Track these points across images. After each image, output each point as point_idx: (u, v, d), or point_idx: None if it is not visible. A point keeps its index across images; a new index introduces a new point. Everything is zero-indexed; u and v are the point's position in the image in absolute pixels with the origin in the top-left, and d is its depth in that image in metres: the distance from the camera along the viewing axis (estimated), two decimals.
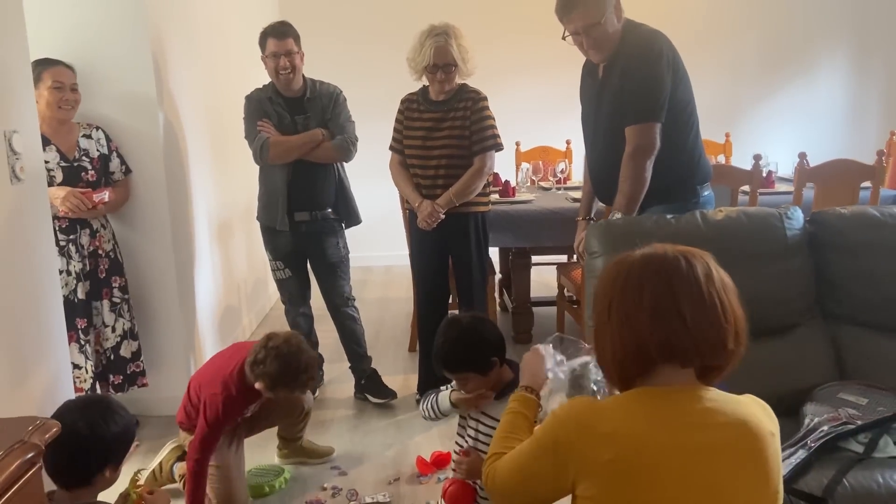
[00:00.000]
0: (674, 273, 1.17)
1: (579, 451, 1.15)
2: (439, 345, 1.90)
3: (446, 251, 3.22)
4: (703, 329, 1.16)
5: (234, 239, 4.20)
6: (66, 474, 1.62)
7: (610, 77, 2.49)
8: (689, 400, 1.18)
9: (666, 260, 1.19)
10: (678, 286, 1.16)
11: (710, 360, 1.19)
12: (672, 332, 1.15)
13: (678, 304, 1.15)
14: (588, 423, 1.16)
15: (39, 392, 2.03)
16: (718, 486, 1.13)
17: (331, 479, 2.67)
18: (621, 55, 2.44)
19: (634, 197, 2.42)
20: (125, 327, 3.01)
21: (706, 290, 1.16)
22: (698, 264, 1.19)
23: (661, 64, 2.38)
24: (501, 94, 3.41)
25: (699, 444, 1.14)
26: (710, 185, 2.61)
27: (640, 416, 1.16)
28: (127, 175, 3.02)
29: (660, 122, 2.40)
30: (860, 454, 1.76)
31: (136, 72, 2.99)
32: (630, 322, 1.18)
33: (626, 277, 1.20)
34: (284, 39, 3.03)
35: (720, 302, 1.17)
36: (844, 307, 2.22)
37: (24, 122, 2.04)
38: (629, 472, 1.12)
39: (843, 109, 5.84)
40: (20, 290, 1.99)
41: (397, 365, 3.74)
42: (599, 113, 2.56)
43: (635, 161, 2.41)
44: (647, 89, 2.38)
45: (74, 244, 2.83)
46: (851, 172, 3.55)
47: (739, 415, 1.17)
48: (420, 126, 3.08)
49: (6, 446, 1.06)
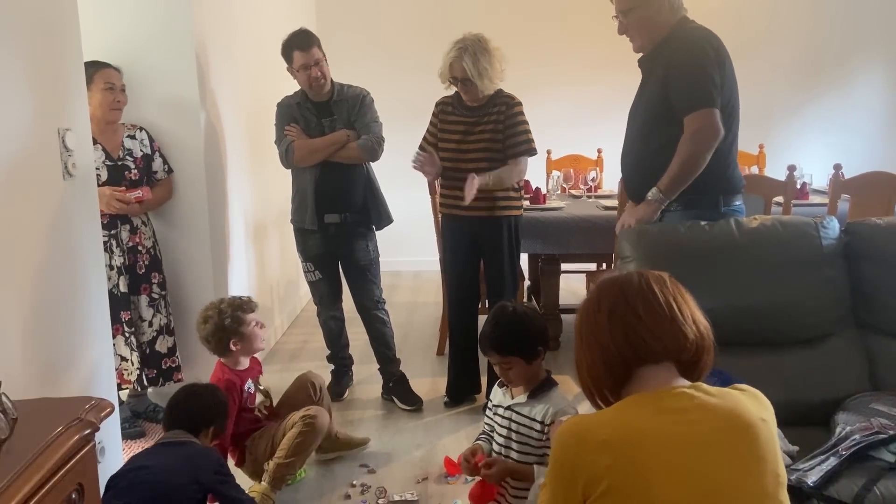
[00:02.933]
0: (627, 284, 1.29)
1: (582, 461, 1.19)
2: (490, 328, 1.94)
3: (478, 255, 3.25)
4: (658, 320, 1.25)
5: (268, 240, 4.28)
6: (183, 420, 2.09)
7: (652, 72, 2.48)
8: (676, 398, 1.22)
9: (620, 276, 1.32)
10: (630, 293, 1.27)
11: (675, 352, 1.26)
12: (629, 327, 1.25)
13: (633, 305, 1.26)
14: (585, 435, 1.21)
15: (83, 377, 2.11)
16: (714, 479, 1.16)
17: (360, 477, 2.71)
18: (665, 50, 2.42)
19: (679, 179, 2.36)
20: (162, 322, 3.09)
21: (658, 292, 1.27)
22: (651, 277, 1.30)
23: (707, 54, 2.35)
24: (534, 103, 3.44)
25: (690, 440, 1.17)
26: (740, 198, 2.53)
27: (632, 420, 1.21)
28: (169, 174, 3.11)
29: (716, 107, 2.34)
30: (891, 464, 1.75)
31: (180, 76, 3.09)
32: (593, 333, 1.29)
33: (587, 301, 1.33)
34: (310, 50, 3.06)
35: (674, 301, 1.27)
36: (879, 318, 2.20)
37: (77, 121, 2.12)
38: (626, 476, 1.16)
39: (880, 121, 5.77)
40: (69, 280, 2.07)
41: (425, 368, 3.77)
42: (638, 107, 2.56)
43: (692, 147, 2.34)
44: (695, 76, 2.34)
45: (115, 239, 2.92)
46: (887, 185, 3.51)
47: (728, 406, 1.20)
48: (455, 129, 3.12)
49: (64, 423, 1.12)
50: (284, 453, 2.44)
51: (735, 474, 1.17)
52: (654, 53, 2.47)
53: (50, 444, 1.06)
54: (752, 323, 2.13)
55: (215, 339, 2.52)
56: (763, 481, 1.17)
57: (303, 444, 2.47)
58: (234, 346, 2.52)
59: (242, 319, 2.54)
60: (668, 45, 2.42)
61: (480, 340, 2.00)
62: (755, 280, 2.16)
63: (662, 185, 2.39)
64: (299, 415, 2.52)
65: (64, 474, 1.08)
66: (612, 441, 1.18)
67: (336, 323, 3.45)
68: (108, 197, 2.83)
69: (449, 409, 3.31)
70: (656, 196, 2.40)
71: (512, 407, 1.95)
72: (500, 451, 1.96)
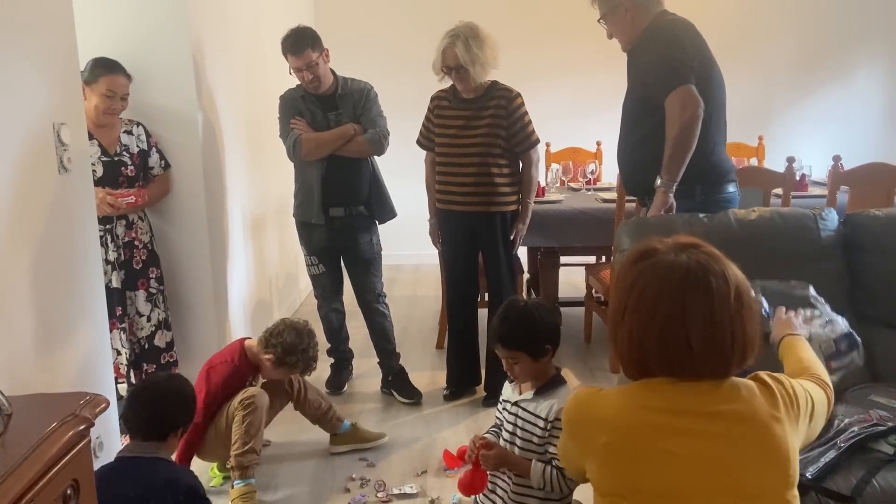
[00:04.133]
0: (689, 295, 1.17)
1: (581, 432, 1.25)
2: (499, 321, 1.93)
3: (476, 249, 3.25)
4: (706, 356, 1.18)
5: (267, 235, 4.28)
6: (148, 426, 1.90)
7: (633, 67, 2.60)
8: (687, 391, 1.20)
9: (687, 277, 1.18)
10: (691, 311, 1.17)
11: (707, 378, 1.21)
12: (676, 356, 1.19)
13: (687, 332, 1.17)
14: (587, 409, 1.25)
15: (79, 369, 2.11)
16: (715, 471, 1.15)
17: (359, 471, 2.72)
18: (641, 44, 2.54)
19: (676, 160, 2.40)
20: (160, 317, 3.09)
21: (718, 315, 1.17)
22: (716, 281, 1.18)
23: (677, 39, 2.43)
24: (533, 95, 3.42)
25: (692, 431, 1.17)
26: (734, 185, 2.58)
27: (636, 404, 1.21)
28: (166, 170, 3.10)
29: (691, 83, 2.39)
30: (890, 455, 1.75)
31: (177, 71, 3.07)
32: (640, 334, 1.21)
33: (644, 289, 1.21)
34: (302, 53, 3.03)
35: (731, 327, 1.18)
36: (877, 310, 2.20)
37: (72, 115, 2.11)
38: (619, 456, 1.18)
39: (880, 114, 5.75)
40: (65, 275, 2.06)
41: (425, 362, 3.77)
42: (626, 103, 2.65)
43: (677, 124, 2.38)
44: (665, 61, 2.42)
45: (110, 234, 2.91)
46: (887, 176, 3.50)
47: (744, 402, 1.19)
48: (451, 124, 3.11)
49: (59, 418, 1.12)
50: (239, 442, 2.47)
51: (740, 470, 1.16)
52: (634, 49, 2.58)
53: (44, 440, 1.05)
54: None
55: (274, 342, 2.61)
56: (764, 482, 1.16)
57: (251, 424, 2.49)
58: (268, 361, 2.62)
59: (294, 368, 2.65)
60: (644, 39, 2.52)
61: (489, 333, 2.00)
62: (753, 272, 2.11)
63: (663, 172, 2.44)
64: (237, 400, 2.53)
65: (59, 470, 1.08)
66: (610, 420, 1.20)
67: (337, 316, 3.45)
68: (98, 199, 2.81)
69: (448, 402, 3.31)
70: (663, 182, 2.45)
71: (518, 403, 1.94)
72: (505, 447, 1.96)
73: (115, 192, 2.88)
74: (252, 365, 2.67)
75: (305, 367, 2.67)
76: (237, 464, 2.47)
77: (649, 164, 2.49)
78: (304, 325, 2.69)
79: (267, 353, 2.62)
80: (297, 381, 2.79)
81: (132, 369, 3.00)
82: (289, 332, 2.61)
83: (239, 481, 2.46)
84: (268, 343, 2.62)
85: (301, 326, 2.66)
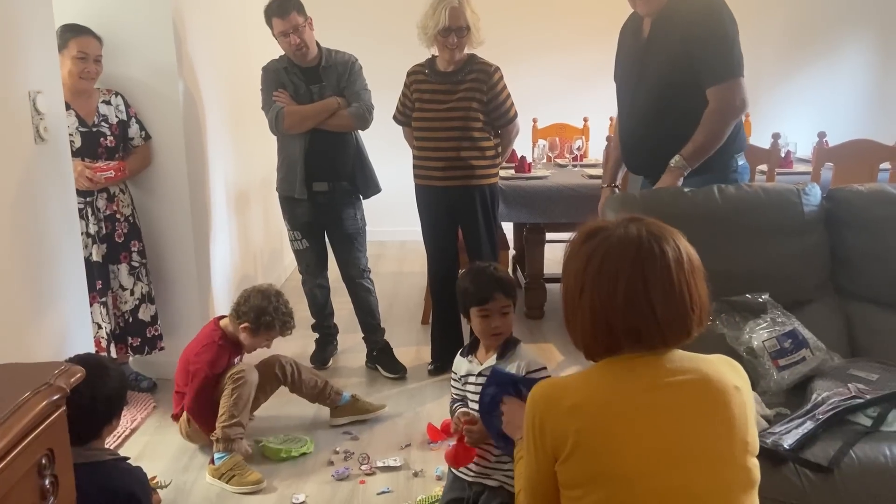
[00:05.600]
0: (647, 262, 1.20)
1: (551, 426, 1.20)
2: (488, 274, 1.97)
3: (456, 224, 3.23)
4: (670, 321, 1.20)
5: (251, 209, 4.24)
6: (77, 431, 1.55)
7: (663, 36, 2.39)
8: (651, 365, 1.21)
9: (641, 247, 1.21)
10: (650, 276, 1.19)
11: (673, 344, 1.23)
12: (641, 321, 1.20)
13: (649, 295, 1.19)
14: (554, 399, 1.22)
15: (58, 343, 2.08)
16: (679, 443, 1.16)
17: (343, 444, 2.72)
18: (678, 15, 2.34)
19: (704, 150, 2.34)
20: (143, 291, 3.06)
21: (676, 279, 1.20)
22: (670, 249, 1.21)
23: (725, 17, 2.31)
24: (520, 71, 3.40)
25: (661, 405, 1.18)
26: (743, 156, 2.52)
27: (603, 386, 1.22)
28: (147, 141, 3.05)
29: (742, 76, 2.32)
30: (868, 427, 1.77)
31: (157, 38, 3.01)
32: (603, 309, 1.21)
33: (601, 264, 1.22)
34: (288, 16, 2.98)
35: (688, 290, 1.21)
36: (858, 284, 2.22)
37: (49, 83, 2.07)
38: (593, 441, 1.17)
39: (866, 92, 5.76)
40: (42, 244, 2.03)
41: (410, 337, 3.77)
42: (645, 73, 2.45)
43: (720, 119, 2.32)
44: (719, 45, 2.30)
45: (91, 206, 2.87)
46: (870, 153, 3.52)
47: (701, 371, 1.20)
48: (428, 98, 3.08)
49: (32, 388, 1.10)
50: (227, 415, 2.50)
51: (702, 438, 1.17)
52: (665, 17, 2.37)
53: (17, 410, 1.04)
54: (733, 289, 2.13)
55: (243, 310, 2.62)
56: (731, 446, 1.18)
57: (240, 397, 2.53)
58: (245, 331, 2.63)
59: (272, 332, 2.66)
60: (679, 12, 2.34)
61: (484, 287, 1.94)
62: (737, 246, 2.16)
63: (686, 154, 2.35)
64: (227, 375, 2.57)
65: (32, 441, 1.07)
66: (581, 406, 1.19)
67: (322, 292, 3.44)
68: (77, 173, 2.77)
69: (433, 377, 3.31)
70: (680, 163, 2.36)
71: (484, 373, 1.95)
72: None
73: (93, 166, 2.83)
74: (234, 342, 2.66)
75: (283, 325, 2.67)
76: (223, 435, 2.47)
77: (670, 147, 2.38)
78: (269, 286, 2.72)
79: (241, 322, 2.63)
80: (289, 364, 2.78)
81: (115, 343, 2.98)
82: (255, 296, 2.64)
83: (223, 454, 2.46)
84: (239, 313, 2.64)
85: (265, 288, 2.69)
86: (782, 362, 1.94)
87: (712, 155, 2.37)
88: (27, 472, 1.08)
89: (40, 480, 1.11)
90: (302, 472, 2.54)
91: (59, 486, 1.15)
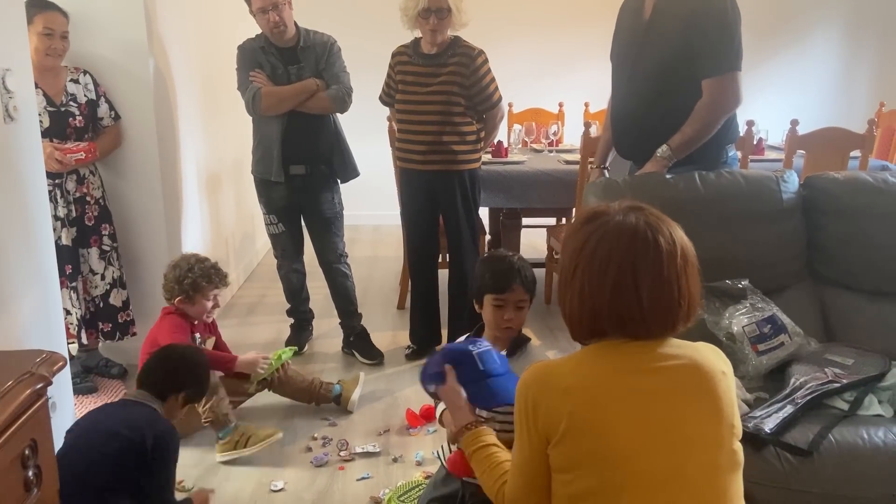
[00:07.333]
0: (640, 251, 1.21)
1: (544, 408, 1.20)
2: (513, 260, 1.86)
3: (436, 208, 3.22)
4: (656, 312, 1.21)
5: (223, 192, 4.16)
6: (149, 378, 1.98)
7: (664, 20, 2.33)
8: (642, 349, 1.23)
9: (636, 236, 1.22)
10: (641, 265, 1.20)
11: (657, 336, 1.24)
12: (626, 310, 1.21)
13: (638, 283, 1.20)
14: (548, 382, 1.22)
15: (28, 329, 2.02)
16: (670, 426, 1.18)
17: (321, 430, 2.70)
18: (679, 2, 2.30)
19: (692, 142, 2.31)
20: (114, 275, 2.99)
21: (667, 270, 1.21)
22: (664, 241, 1.22)
23: (728, 6, 2.28)
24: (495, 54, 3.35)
25: (650, 388, 1.19)
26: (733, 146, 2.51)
27: (595, 370, 1.23)
28: (117, 121, 2.97)
29: (740, 70, 2.29)
30: (845, 411, 1.81)
31: (127, 15, 2.92)
32: (592, 291, 1.22)
33: (596, 247, 1.23)
34: None
35: (678, 283, 1.22)
36: (833, 270, 2.26)
37: (17, 61, 1.99)
38: (586, 423, 1.18)
39: (835, 79, 5.86)
40: (12, 226, 1.96)
41: (386, 322, 3.75)
42: (642, 56, 2.39)
43: (712, 112, 2.29)
44: (720, 36, 2.27)
45: (59, 189, 2.78)
46: (842, 141, 3.58)
47: (691, 356, 1.22)
48: (412, 81, 3.05)
49: (15, 377, 1.06)
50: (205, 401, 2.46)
51: (692, 422, 1.19)
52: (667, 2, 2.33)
53: (1, 399, 1.00)
54: (714, 275, 2.15)
55: (168, 286, 2.62)
56: (719, 430, 1.20)
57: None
58: (181, 304, 2.60)
59: (202, 289, 2.61)
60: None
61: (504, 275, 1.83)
62: (716, 233, 2.18)
63: (674, 144, 2.32)
64: None
65: (16, 430, 1.03)
66: (574, 389, 1.20)
67: (297, 276, 3.39)
68: (46, 155, 2.68)
69: (410, 362, 3.30)
70: (666, 153, 2.33)
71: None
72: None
73: (62, 147, 2.75)
74: (185, 315, 2.64)
75: (207, 277, 2.62)
76: (214, 415, 2.47)
77: (660, 134, 2.35)
78: (181, 257, 2.70)
79: (175, 297, 2.61)
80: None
81: (86, 329, 2.91)
82: (169, 270, 2.65)
83: (225, 429, 2.48)
84: (168, 292, 2.63)
85: (175, 259, 2.70)
86: (762, 347, 1.97)
87: (705, 143, 2.35)
88: (10, 463, 1.04)
89: (24, 472, 1.07)
90: (280, 459, 2.51)
91: (43, 477, 1.12)
